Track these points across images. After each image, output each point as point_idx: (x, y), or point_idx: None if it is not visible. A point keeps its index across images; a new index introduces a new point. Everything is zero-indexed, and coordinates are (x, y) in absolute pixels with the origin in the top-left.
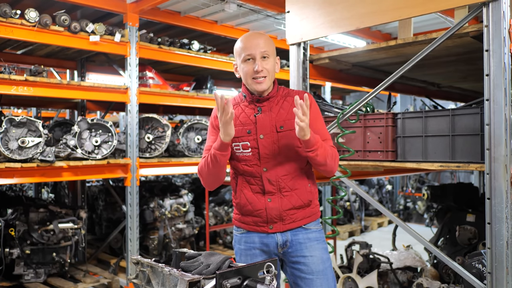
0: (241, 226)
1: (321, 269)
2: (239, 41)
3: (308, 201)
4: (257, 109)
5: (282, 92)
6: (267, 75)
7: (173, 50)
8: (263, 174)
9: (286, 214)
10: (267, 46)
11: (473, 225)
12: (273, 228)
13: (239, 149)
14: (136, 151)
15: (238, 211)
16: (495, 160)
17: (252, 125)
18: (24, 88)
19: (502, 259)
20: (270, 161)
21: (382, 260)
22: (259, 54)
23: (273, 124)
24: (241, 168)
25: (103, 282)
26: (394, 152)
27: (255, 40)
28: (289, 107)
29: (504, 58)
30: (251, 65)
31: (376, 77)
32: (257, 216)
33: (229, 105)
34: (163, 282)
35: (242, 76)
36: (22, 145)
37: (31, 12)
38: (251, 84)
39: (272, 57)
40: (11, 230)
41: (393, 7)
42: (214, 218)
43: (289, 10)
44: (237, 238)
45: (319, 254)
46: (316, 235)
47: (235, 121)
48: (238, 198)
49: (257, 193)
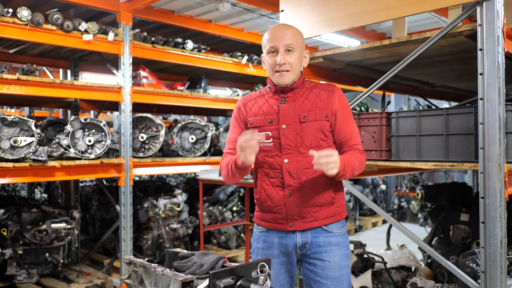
0: (261, 224)
1: (337, 276)
2: (266, 32)
3: (331, 199)
4: (281, 99)
5: (309, 85)
6: (290, 69)
7: (167, 49)
8: (284, 165)
9: (307, 211)
10: (293, 39)
11: (467, 224)
12: (293, 226)
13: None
14: (130, 151)
15: (258, 208)
16: (489, 159)
17: (275, 114)
18: (17, 87)
19: (496, 258)
20: (291, 152)
21: (376, 259)
22: (282, 46)
23: (297, 114)
24: (261, 159)
25: (97, 282)
26: (388, 152)
27: (281, 32)
28: (314, 98)
29: (498, 57)
30: (274, 57)
31: (370, 76)
32: (277, 212)
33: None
34: (156, 282)
35: (267, 69)
36: (15, 144)
37: (23, 10)
38: (273, 77)
39: (298, 51)
40: (3, 230)
41: (387, 6)
42: (208, 218)
43: (283, 9)
44: (256, 236)
45: (337, 260)
46: (338, 240)
47: (258, 110)
48: (258, 193)
49: (277, 187)
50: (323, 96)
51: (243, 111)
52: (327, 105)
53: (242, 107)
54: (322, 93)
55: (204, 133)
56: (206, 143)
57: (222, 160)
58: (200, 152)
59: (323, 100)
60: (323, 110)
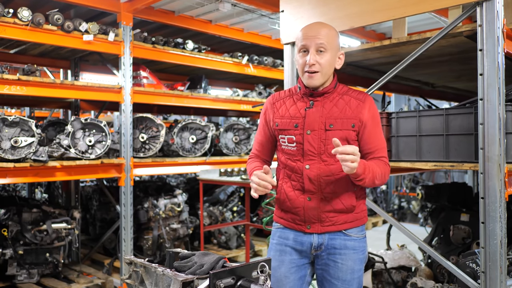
0: (279, 221)
1: (348, 279)
2: (300, 30)
3: (351, 206)
4: (309, 103)
5: (341, 90)
6: (320, 71)
7: (167, 49)
8: (305, 171)
9: (326, 216)
10: (326, 39)
11: (467, 224)
12: (310, 228)
13: (285, 142)
14: (130, 151)
15: (278, 207)
16: (489, 159)
17: (301, 119)
18: (17, 87)
19: (496, 258)
20: (314, 158)
21: (376, 259)
22: (314, 46)
23: (323, 121)
24: (284, 161)
25: (97, 282)
26: (388, 152)
27: (314, 31)
28: (344, 105)
29: (498, 57)
30: (304, 57)
31: (370, 76)
32: (295, 214)
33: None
34: (157, 282)
35: (298, 68)
36: (15, 144)
37: (24, 11)
38: (303, 77)
39: (331, 51)
40: (4, 230)
41: (387, 6)
42: (209, 218)
43: (283, 9)
44: (273, 233)
45: (351, 264)
46: (354, 244)
47: (285, 112)
48: (279, 194)
49: (297, 190)
50: (353, 104)
51: (270, 112)
52: (356, 114)
53: (270, 107)
54: (352, 101)
55: (204, 133)
56: (206, 143)
57: (248, 163)
58: (200, 152)
59: (352, 108)
60: (351, 119)
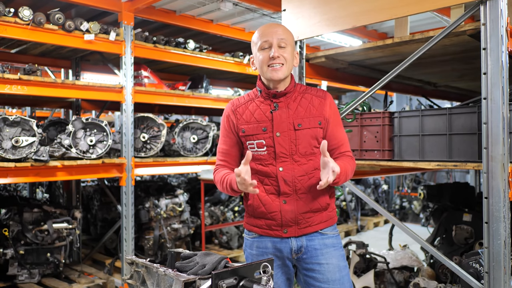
0: (253, 230)
1: (337, 278)
2: (256, 31)
3: (326, 204)
4: (273, 105)
5: (300, 89)
6: (284, 63)
7: (168, 49)
8: (279, 173)
9: (302, 217)
10: (285, 35)
11: (470, 224)
12: (287, 232)
13: (254, 147)
14: (131, 151)
15: (250, 214)
16: (492, 159)
17: (268, 122)
18: (18, 87)
19: (499, 258)
20: (286, 160)
21: (378, 260)
22: (276, 41)
23: (291, 122)
24: (254, 167)
25: (98, 282)
26: (391, 151)
27: (273, 28)
28: (307, 104)
29: (502, 56)
30: (267, 52)
31: (372, 76)
32: (271, 219)
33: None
34: (158, 282)
35: (258, 66)
36: (16, 144)
37: (25, 10)
38: (266, 72)
39: (290, 48)
40: (5, 230)
41: (389, 5)
42: (210, 218)
43: (285, 8)
44: (249, 243)
45: (335, 261)
46: (333, 241)
47: (250, 118)
48: (251, 199)
49: (272, 194)
50: (316, 102)
51: (233, 119)
52: (320, 112)
53: (232, 115)
54: (314, 99)
55: (205, 133)
56: (207, 143)
57: (215, 173)
58: (201, 152)
59: (316, 106)
60: (317, 117)
